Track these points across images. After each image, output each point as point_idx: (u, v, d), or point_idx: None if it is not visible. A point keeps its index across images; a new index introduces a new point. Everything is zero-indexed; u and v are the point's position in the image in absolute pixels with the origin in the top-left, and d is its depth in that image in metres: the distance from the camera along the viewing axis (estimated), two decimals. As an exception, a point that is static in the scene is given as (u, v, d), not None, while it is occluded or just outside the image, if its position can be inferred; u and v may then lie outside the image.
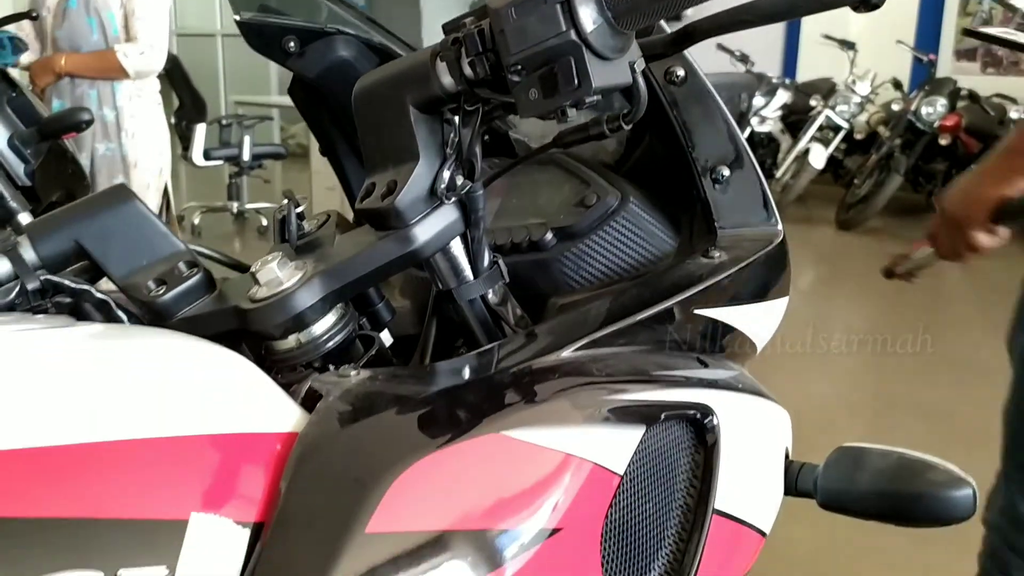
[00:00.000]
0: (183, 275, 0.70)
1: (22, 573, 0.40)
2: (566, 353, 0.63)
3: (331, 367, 0.68)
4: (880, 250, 6.45)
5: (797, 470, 0.82)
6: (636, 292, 0.74)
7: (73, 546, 0.41)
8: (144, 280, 0.71)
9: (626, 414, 0.61)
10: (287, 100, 1.11)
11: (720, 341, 0.77)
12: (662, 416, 0.63)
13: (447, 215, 0.67)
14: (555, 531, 0.54)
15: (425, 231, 0.66)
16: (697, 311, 0.74)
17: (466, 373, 0.60)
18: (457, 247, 0.70)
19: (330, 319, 0.68)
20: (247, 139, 6.31)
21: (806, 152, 7.16)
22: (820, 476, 0.80)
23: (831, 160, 7.34)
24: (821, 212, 7.15)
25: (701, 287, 0.72)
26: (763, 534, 0.75)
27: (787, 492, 0.82)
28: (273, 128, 8.34)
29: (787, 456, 0.83)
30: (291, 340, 0.68)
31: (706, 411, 0.66)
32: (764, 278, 0.81)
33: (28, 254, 0.72)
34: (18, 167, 2.42)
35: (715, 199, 0.79)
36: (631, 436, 0.61)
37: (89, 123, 2.15)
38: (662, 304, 0.70)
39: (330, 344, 0.68)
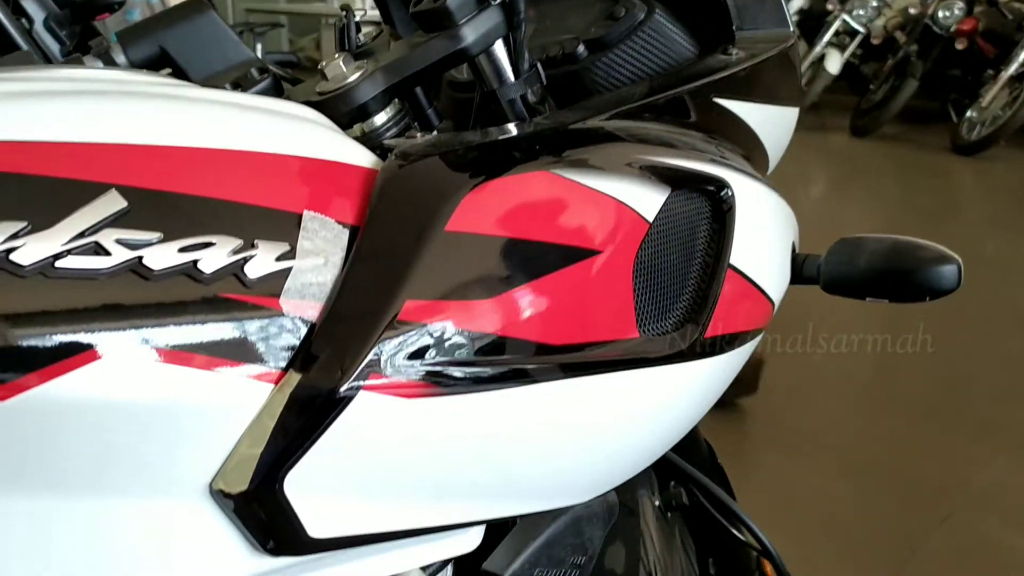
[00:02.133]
0: (255, 79, 0.79)
1: (179, 238, 0.49)
2: (600, 120, 0.72)
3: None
4: (894, 156, 6.47)
5: (802, 260, 0.91)
6: (660, 80, 0.82)
7: (218, 218, 0.51)
8: (221, 83, 0.80)
9: (655, 172, 0.70)
10: (297, 7, 1.16)
11: (741, 139, 0.86)
12: (686, 180, 0.72)
13: (492, 17, 0.75)
14: (596, 252, 0.64)
15: (472, 31, 0.74)
16: (716, 99, 0.82)
17: (512, 131, 0.70)
18: (500, 49, 0.78)
19: (389, 112, 0.77)
20: (259, 46, 6.34)
21: (821, 58, 7.11)
22: (823, 263, 0.89)
23: (847, 67, 7.30)
24: (835, 120, 7.14)
25: (720, 75, 0.80)
26: (772, 303, 0.85)
27: (793, 281, 0.91)
28: (283, 36, 8.31)
29: (794, 249, 0.92)
30: (355, 129, 0.77)
31: (723, 184, 0.75)
32: (777, 79, 0.89)
33: (119, 58, 0.81)
34: (54, 47, 2.51)
35: (733, 4, 0.87)
36: (659, 192, 0.70)
37: (121, 4, 2.20)
38: (684, 87, 0.79)
39: (388, 134, 0.77)
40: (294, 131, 0.59)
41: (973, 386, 2.84)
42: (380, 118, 0.77)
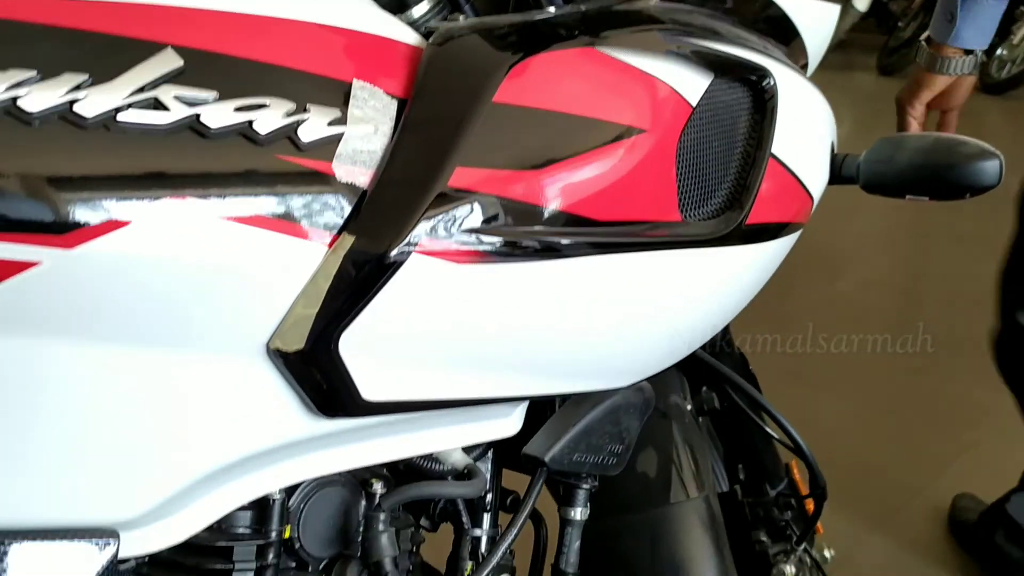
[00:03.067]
0: None
1: (234, 98, 0.50)
2: (645, 3, 0.71)
3: None
4: (921, 94, 6.32)
5: (841, 160, 0.91)
6: None
7: (272, 82, 0.52)
8: None
9: (699, 57, 0.70)
10: None
11: (782, 35, 0.85)
12: (729, 67, 0.72)
13: None
14: (640, 131, 0.64)
15: None
16: None
17: (554, 12, 0.69)
18: None
19: (428, 4, 0.77)
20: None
21: (849, -6, 6.95)
22: (862, 161, 0.89)
23: (875, 4, 7.13)
24: (862, 59, 7.00)
25: None
26: (812, 199, 0.84)
27: (832, 180, 0.91)
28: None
29: (833, 149, 0.92)
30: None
31: (766, 73, 0.74)
32: None
33: None
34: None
35: None
36: (703, 77, 0.70)
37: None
38: None
39: (428, 25, 0.77)
40: (345, 6, 0.59)
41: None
42: (417, 11, 0.77)
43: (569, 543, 0.82)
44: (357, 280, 0.53)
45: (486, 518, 0.83)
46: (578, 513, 0.82)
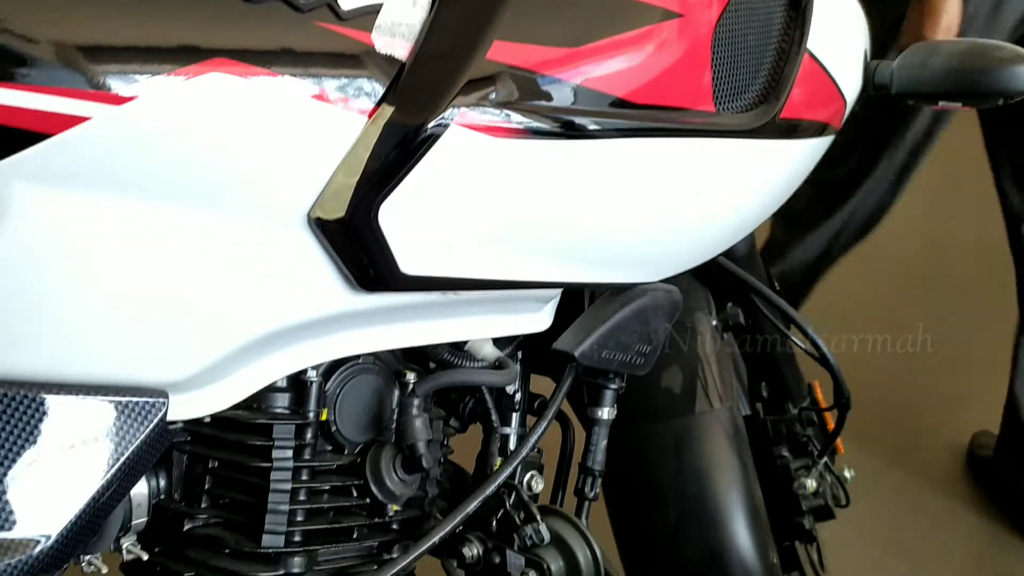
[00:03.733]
0: None
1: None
2: None
3: None
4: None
5: (874, 67, 0.90)
6: None
7: None
8: None
9: None
10: None
11: None
12: None
13: None
14: (678, 15, 0.64)
15: None
16: None
17: None
18: None
19: None
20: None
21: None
22: (896, 67, 0.88)
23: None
24: None
25: None
26: (845, 102, 0.84)
27: (865, 88, 0.91)
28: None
29: (866, 56, 0.91)
30: None
31: None
32: None
33: None
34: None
35: None
36: None
37: None
38: None
39: None
40: None
41: None
42: None
43: (596, 442, 0.83)
44: (396, 150, 0.54)
45: (514, 417, 0.85)
46: (605, 413, 0.83)
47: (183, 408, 0.56)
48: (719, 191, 0.72)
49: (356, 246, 0.56)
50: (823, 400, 1.18)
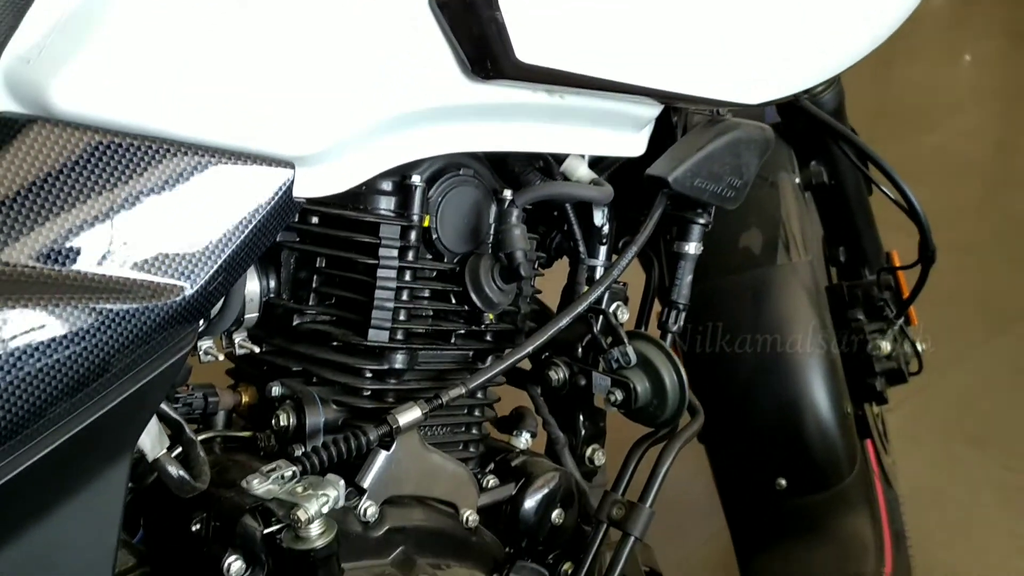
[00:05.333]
0: None
1: None
2: None
3: None
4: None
5: None
6: None
7: None
8: None
9: None
10: None
11: None
12: None
13: None
14: None
15: None
16: None
17: None
18: None
19: None
20: None
21: None
22: None
23: None
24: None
25: None
26: None
27: None
28: None
29: None
30: None
31: None
32: None
33: None
34: None
35: None
36: None
37: None
38: None
39: None
40: None
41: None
42: None
43: (682, 276, 0.84)
44: None
45: (602, 251, 0.86)
46: (692, 248, 0.84)
47: (306, 185, 0.58)
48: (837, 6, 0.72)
49: (476, 29, 0.57)
50: (901, 275, 1.18)
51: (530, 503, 0.77)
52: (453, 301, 0.74)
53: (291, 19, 0.53)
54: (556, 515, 0.78)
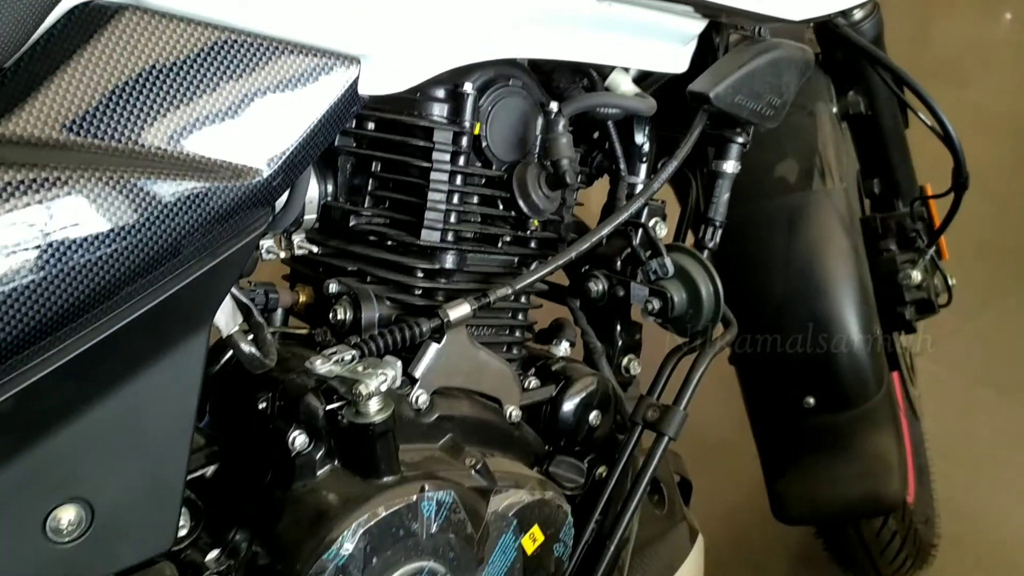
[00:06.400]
0: None
1: None
2: None
3: None
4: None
5: None
6: None
7: None
8: None
9: None
10: None
11: None
12: None
13: None
14: None
15: None
16: None
17: None
18: None
19: None
20: None
21: None
22: None
23: None
24: None
25: None
26: None
27: None
28: None
29: None
30: None
31: None
32: None
33: None
34: None
35: None
36: None
37: None
38: None
39: None
40: None
41: None
42: None
43: (719, 195, 0.87)
44: None
45: (642, 169, 0.89)
46: (730, 167, 0.86)
47: (370, 83, 0.61)
48: None
49: None
50: (934, 204, 1.19)
51: (569, 404, 0.81)
52: (500, 207, 0.78)
53: None
54: (593, 417, 0.82)
